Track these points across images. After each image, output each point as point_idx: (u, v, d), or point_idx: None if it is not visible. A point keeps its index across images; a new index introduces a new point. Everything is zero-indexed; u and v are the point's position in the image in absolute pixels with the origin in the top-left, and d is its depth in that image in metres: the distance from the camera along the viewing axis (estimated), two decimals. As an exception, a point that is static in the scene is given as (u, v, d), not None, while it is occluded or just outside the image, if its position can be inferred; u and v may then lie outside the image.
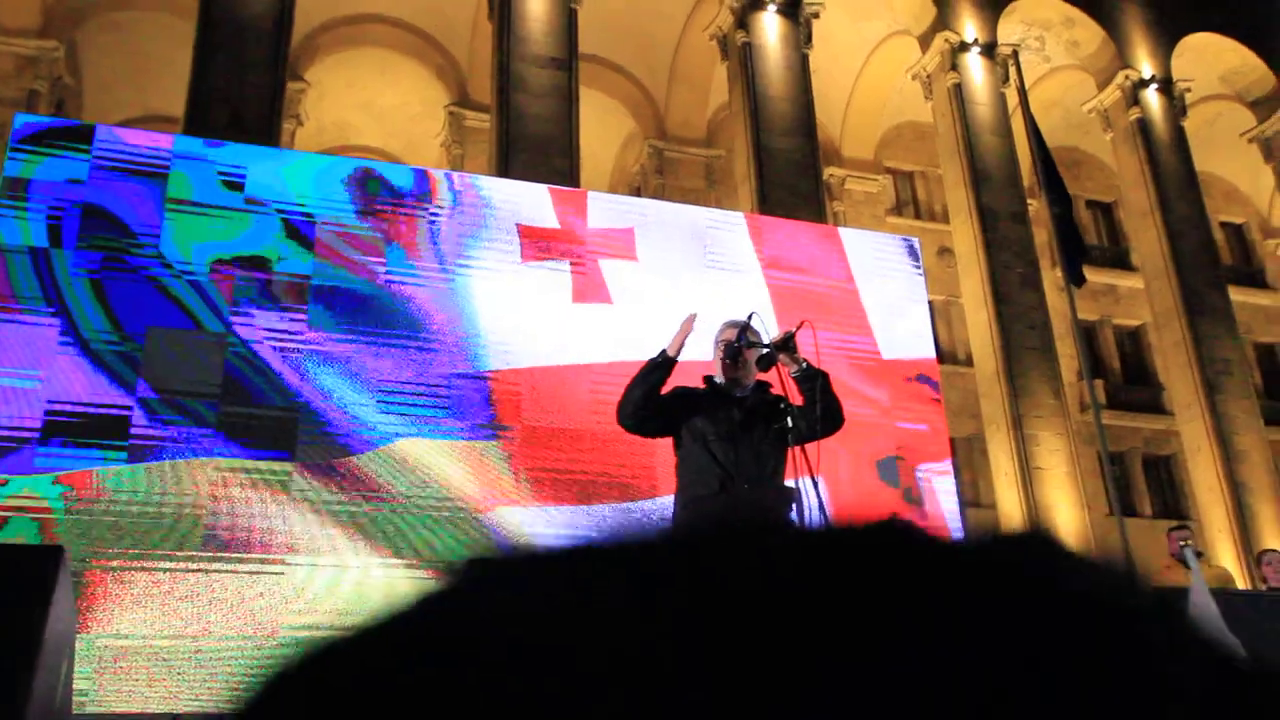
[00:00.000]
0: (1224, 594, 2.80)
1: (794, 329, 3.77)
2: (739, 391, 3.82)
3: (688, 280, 7.25)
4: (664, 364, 3.77)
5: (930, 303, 8.79)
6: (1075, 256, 9.30)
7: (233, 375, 5.95)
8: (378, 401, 6.16)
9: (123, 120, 19.52)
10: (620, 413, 3.83)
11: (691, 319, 3.83)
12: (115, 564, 5.25)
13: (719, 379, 3.87)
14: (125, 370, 5.73)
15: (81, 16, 18.42)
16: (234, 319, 6.10)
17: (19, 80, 17.16)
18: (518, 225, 7.01)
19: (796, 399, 3.80)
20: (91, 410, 5.58)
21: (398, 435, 6.12)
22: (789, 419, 3.68)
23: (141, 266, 6.02)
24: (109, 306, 5.84)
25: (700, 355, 4.03)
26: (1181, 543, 7.20)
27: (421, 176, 7.09)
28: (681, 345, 3.78)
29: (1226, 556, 16.33)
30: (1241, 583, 15.23)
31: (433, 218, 6.83)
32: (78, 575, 5.12)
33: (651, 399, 3.76)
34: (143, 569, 5.29)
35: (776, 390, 3.84)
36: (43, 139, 6.15)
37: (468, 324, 6.58)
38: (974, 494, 18.80)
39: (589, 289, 6.98)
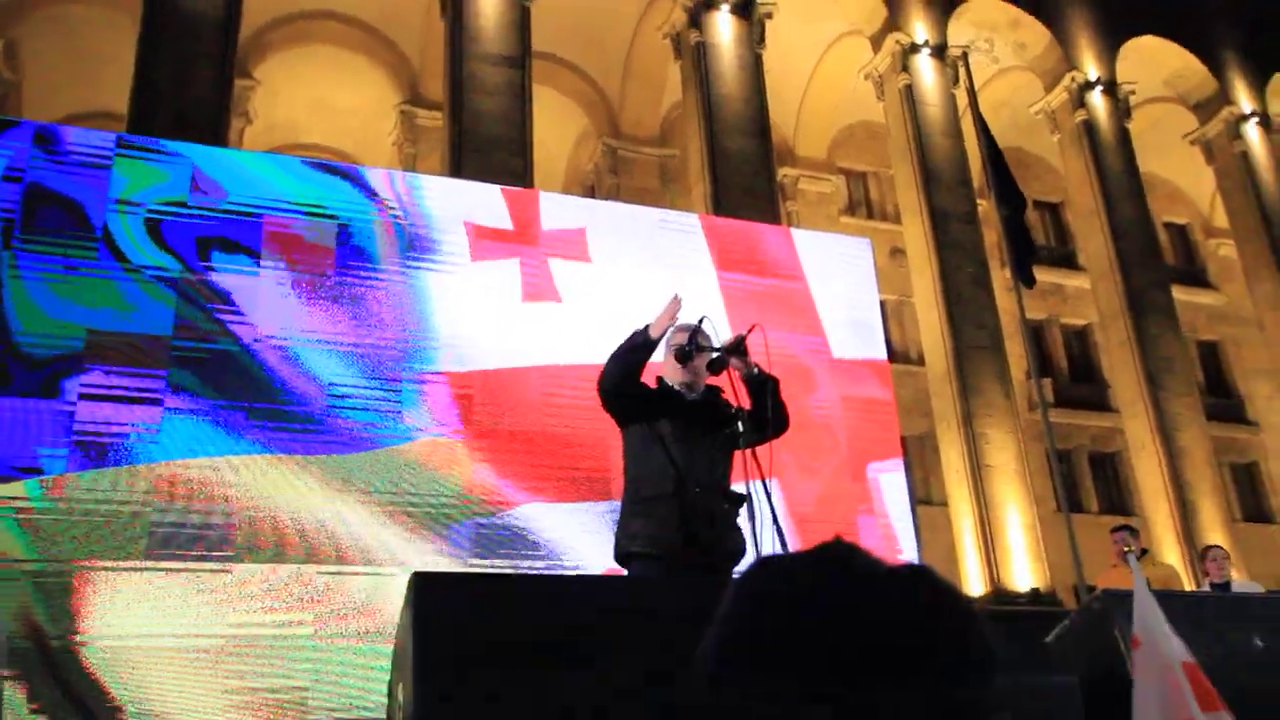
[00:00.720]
0: (1168, 596, 2.85)
1: (745, 333, 3.78)
2: (690, 395, 3.82)
3: (640, 281, 7.24)
4: (645, 344, 3.70)
5: (882, 302, 8.87)
6: (1025, 257, 9.42)
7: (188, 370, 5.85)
8: (329, 404, 6.09)
9: (66, 117, 19.11)
10: (601, 383, 3.76)
11: (677, 301, 3.75)
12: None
13: (670, 381, 3.86)
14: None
15: (22, 11, 18.00)
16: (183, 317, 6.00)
17: (-43, 75, 16.73)
18: (466, 224, 6.96)
19: (745, 403, 3.80)
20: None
21: (351, 441, 6.05)
22: (739, 423, 3.69)
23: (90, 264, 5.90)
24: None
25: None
26: (1124, 547, 7.33)
27: (369, 178, 7.02)
28: (665, 327, 3.71)
29: (1171, 552, 16.67)
30: (1186, 578, 15.56)
31: (383, 218, 6.76)
32: (64, 576, 5.03)
33: (631, 378, 3.69)
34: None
35: (727, 394, 3.85)
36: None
37: (418, 324, 6.53)
38: (925, 491, 19.01)
39: (539, 288, 6.96)
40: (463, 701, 2.22)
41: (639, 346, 3.70)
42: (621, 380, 3.69)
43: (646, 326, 3.73)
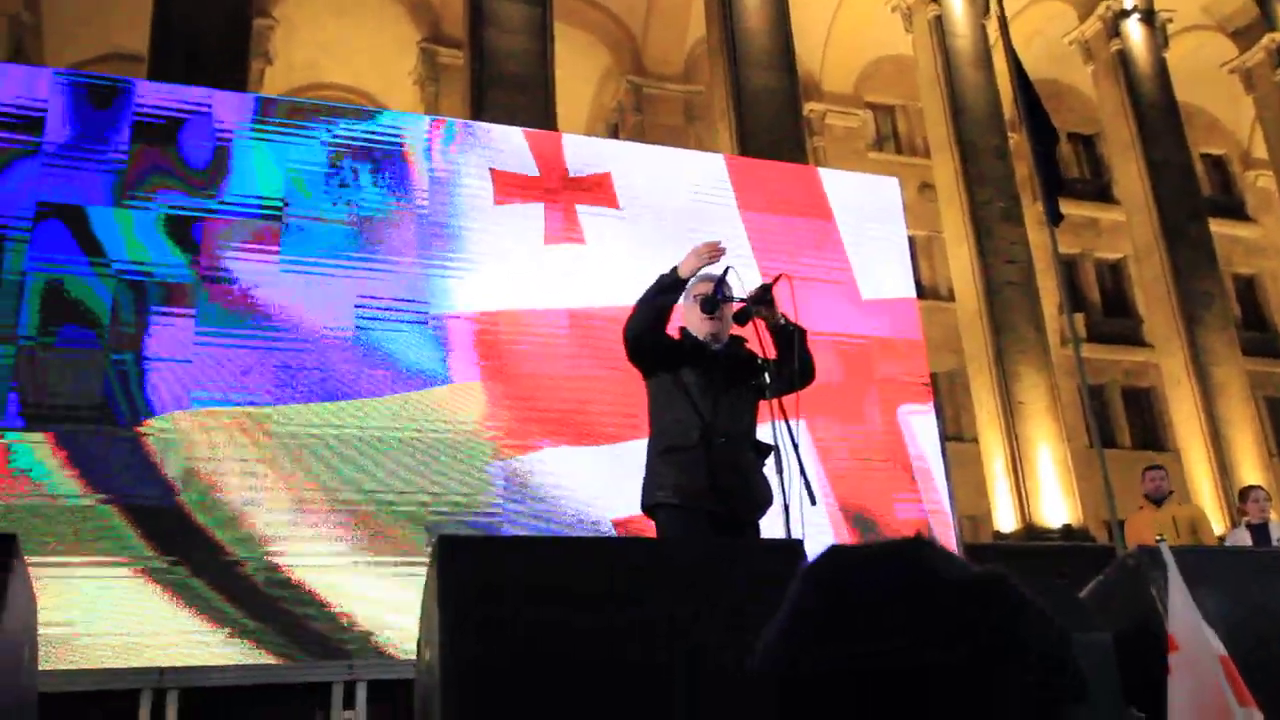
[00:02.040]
0: (1208, 554, 2.79)
1: (771, 283, 3.71)
2: (715, 345, 3.77)
3: (666, 222, 7.15)
4: (673, 285, 3.61)
5: (911, 238, 8.72)
6: (1054, 193, 9.21)
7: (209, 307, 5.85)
8: (354, 347, 6.08)
9: (84, 60, 19.04)
10: (627, 329, 3.67)
11: (707, 246, 3.64)
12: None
13: (694, 332, 3.81)
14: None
15: (39, -47, 17.85)
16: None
17: (-23, 20, 16.65)
18: (491, 170, 6.88)
19: (771, 353, 3.75)
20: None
21: (367, 394, 6.05)
22: (765, 375, 3.64)
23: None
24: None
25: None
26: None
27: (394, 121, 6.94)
28: (694, 268, 3.60)
29: (1205, 489, 16.56)
30: (1221, 516, 15.47)
31: (405, 157, 6.68)
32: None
33: (659, 322, 3.61)
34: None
35: (751, 344, 3.79)
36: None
37: (441, 268, 6.48)
38: (956, 428, 18.93)
39: (563, 231, 6.88)
40: (488, 663, 2.22)
41: (667, 288, 3.61)
42: (648, 325, 3.61)
43: (674, 268, 3.65)
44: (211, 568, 5.35)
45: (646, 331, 3.62)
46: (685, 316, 3.83)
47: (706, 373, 3.64)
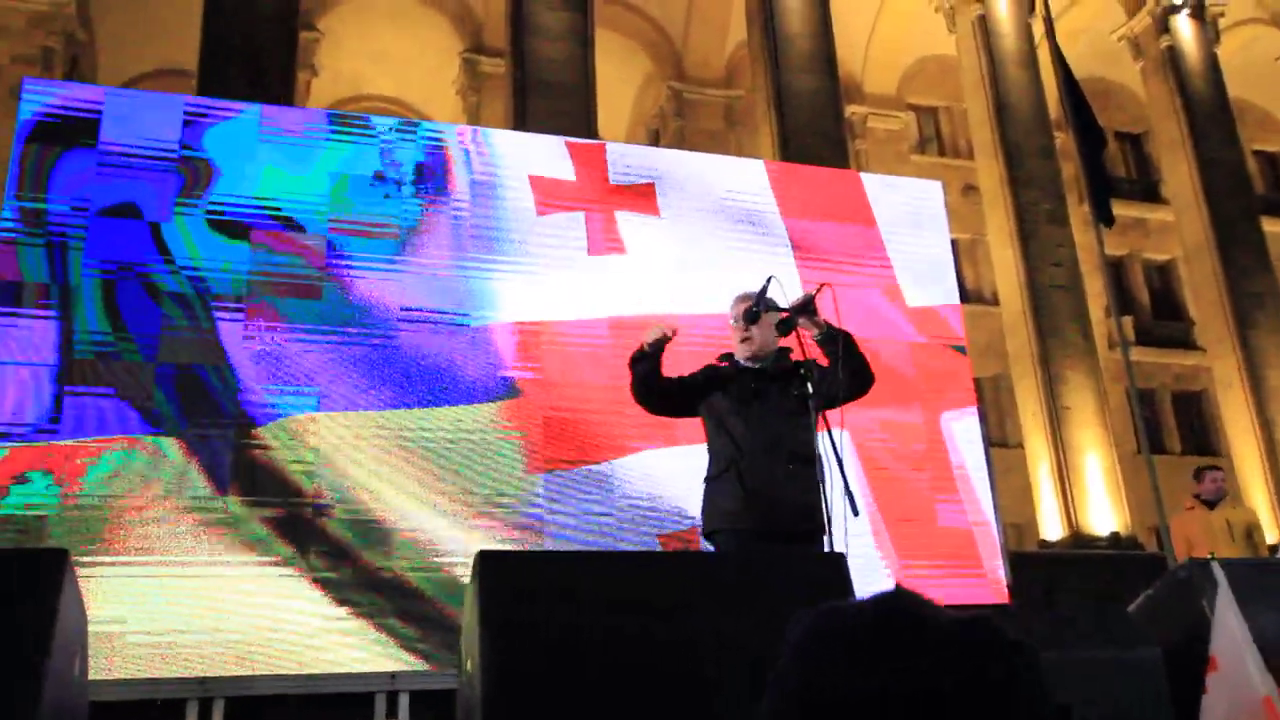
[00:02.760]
0: (1260, 565, 2.72)
1: (814, 292, 3.70)
2: (754, 363, 3.79)
3: (708, 231, 7.14)
4: (643, 357, 3.86)
5: (955, 241, 8.63)
6: (1103, 195, 9.08)
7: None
8: (395, 358, 6.13)
9: (137, 76, 19.44)
10: (632, 394, 3.98)
11: (662, 329, 3.86)
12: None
13: (739, 357, 3.86)
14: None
15: (91, -30, 18.25)
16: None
17: (31, 37, 17.06)
18: (530, 177, 6.91)
19: (823, 362, 3.76)
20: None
21: (413, 401, 6.09)
22: (808, 384, 3.62)
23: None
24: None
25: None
26: (1214, 484, 7.08)
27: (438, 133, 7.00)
28: (657, 339, 3.82)
29: (1258, 496, 16.21)
30: (1273, 521, 15.14)
31: (447, 166, 6.74)
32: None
33: (646, 386, 3.87)
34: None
35: (797, 356, 3.79)
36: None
37: (484, 278, 6.52)
38: (1000, 433, 18.71)
39: (606, 241, 6.90)
40: (529, 674, 2.23)
41: (639, 359, 3.86)
42: (641, 392, 3.91)
43: (641, 346, 3.87)
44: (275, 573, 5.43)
45: (643, 397, 3.93)
46: (731, 343, 3.95)
47: (736, 396, 3.72)
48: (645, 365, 3.86)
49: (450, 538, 5.84)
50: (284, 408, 5.84)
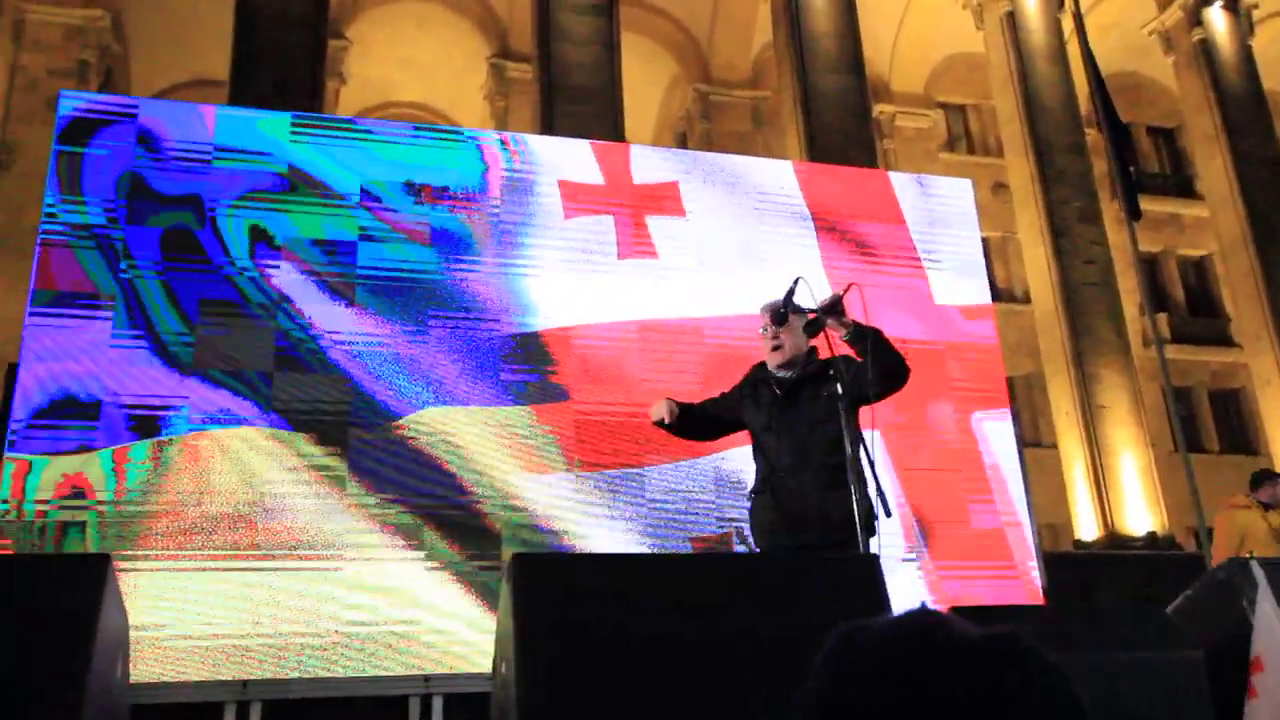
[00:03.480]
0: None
1: (841, 293, 3.68)
2: (783, 372, 3.79)
3: (735, 232, 7.13)
4: (666, 426, 3.93)
5: (985, 240, 8.57)
6: (1131, 189, 8.98)
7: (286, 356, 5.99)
8: (425, 363, 6.17)
9: (169, 86, 19.69)
10: None
11: (671, 411, 3.88)
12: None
13: (770, 366, 3.88)
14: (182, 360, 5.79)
15: (125, -17, 18.50)
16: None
17: (67, 50, 17.32)
18: (559, 181, 6.93)
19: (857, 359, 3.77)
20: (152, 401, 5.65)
21: (446, 402, 6.13)
22: (838, 384, 3.61)
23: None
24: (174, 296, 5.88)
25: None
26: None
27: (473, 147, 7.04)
28: (661, 423, 3.89)
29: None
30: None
31: (475, 171, 6.77)
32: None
33: (680, 436, 4.02)
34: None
35: (825, 355, 3.79)
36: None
37: (516, 285, 6.55)
38: (1033, 434, 18.54)
39: (635, 244, 6.91)
40: (562, 677, 2.23)
41: (661, 425, 3.93)
42: (679, 435, 4.03)
43: (661, 418, 3.91)
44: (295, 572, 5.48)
45: (681, 436, 4.07)
46: (762, 351, 3.99)
47: (767, 411, 3.75)
48: (672, 429, 3.97)
49: (482, 540, 5.86)
50: (319, 410, 5.89)
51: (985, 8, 18.35)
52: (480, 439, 6.11)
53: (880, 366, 3.70)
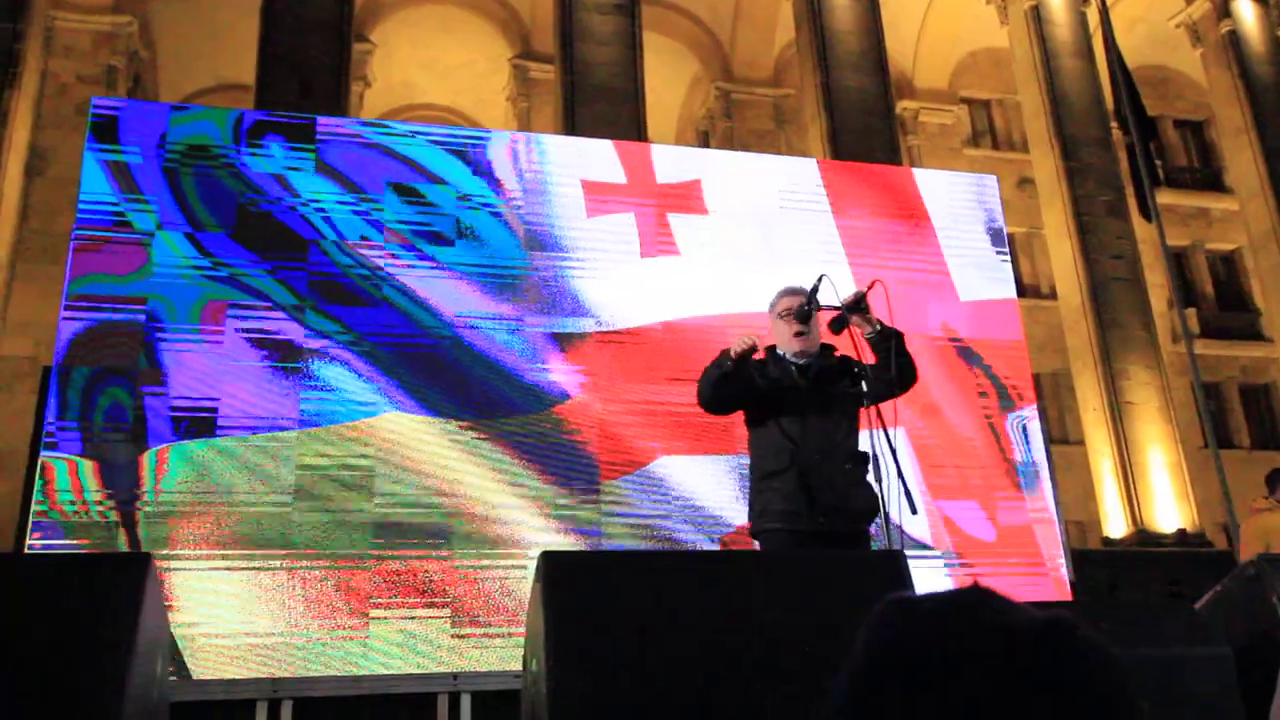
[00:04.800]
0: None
1: (866, 290, 3.69)
2: (803, 359, 3.77)
3: (758, 229, 7.14)
4: (729, 373, 3.72)
5: (1011, 235, 8.53)
6: (1149, 189, 8.93)
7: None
8: (452, 364, 6.21)
9: (197, 91, 19.90)
10: (700, 398, 3.88)
11: (758, 340, 3.74)
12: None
13: (782, 350, 3.82)
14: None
15: (152, -11, 18.72)
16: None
17: (96, 56, 17.53)
18: (581, 181, 6.96)
19: (869, 359, 3.73)
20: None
21: (472, 401, 6.17)
22: (864, 382, 3.62)
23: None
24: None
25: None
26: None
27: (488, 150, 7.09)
28: (749, 351, 3.66)
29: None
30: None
31: (498, 171, 6.81)
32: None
33: (722, 392, 3.75)
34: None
35: (841, 352, 3.79)
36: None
37: (540, 286, 6.59)
38: (1060, 430, 18.41)
39: (657, 242, 6.93)
40: (592, 673, 2.26)
41: (725, 376, 3.71)
42: (716, 394, 3.78)
43: (725, 355, 3.72)
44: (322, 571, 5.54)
45: (714, 401, 3.81)
46: (773, 333, 3.87)
47: (792, 394, 3.68)
48: (728, 371, 3.74)
49: (511, 539, 5.90)
50: (348, 409, 5.95)
51: (1009, 2, 18.25)
52: (506, 438, 6.15)
53: (900, 368, 3.70)
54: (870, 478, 3.66)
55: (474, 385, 6.23)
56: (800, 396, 3.68)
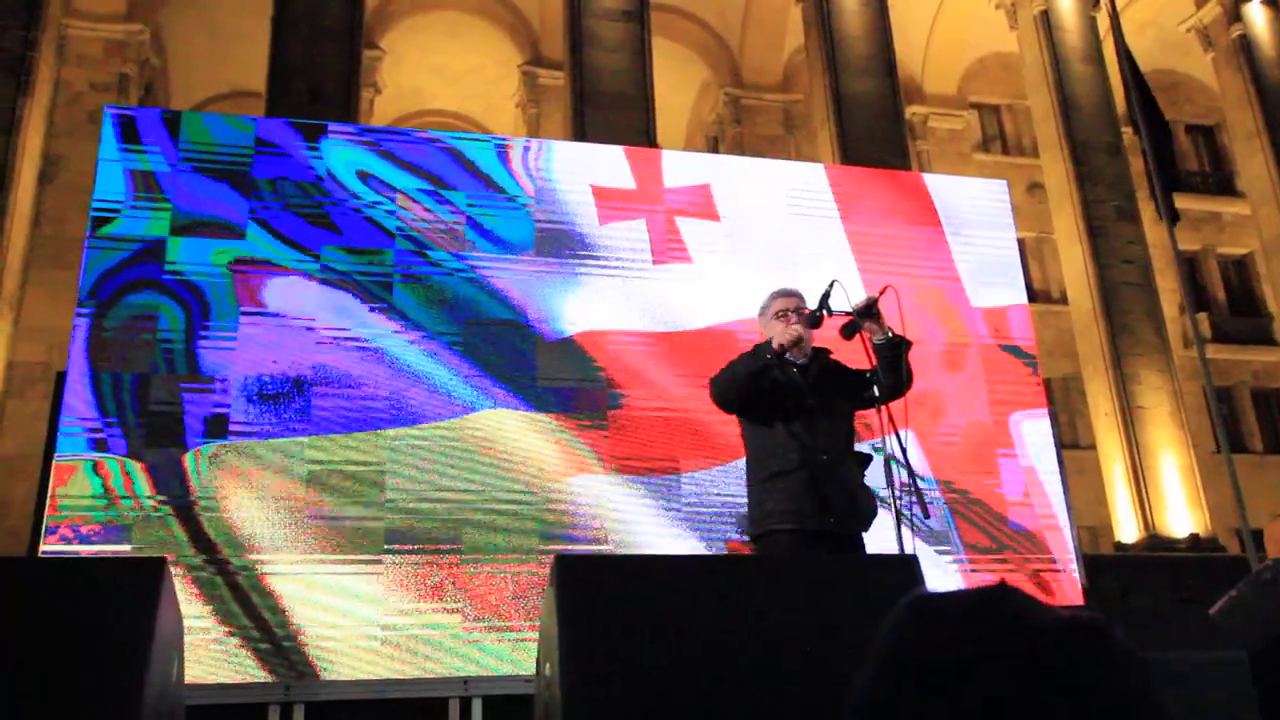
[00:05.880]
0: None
1: (877, 295, 3.69)
2: (801, 360, 3.77)
3: (768, 235, 7.14)
4: (769, 366, 3.66)
5: (1021, 240, 8.52)
6: (1167, 190, 8.89)
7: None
8: (460, 371, 6.23)
9: (208, 98, 20.00)
10: (716, 394, 3.80)
11: (802, 328, 3.70)
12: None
13: (786, 349, 3.80)
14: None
15: (164, -2, 18.82)
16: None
17: (108, 65, 17.64)
18: (592, 187, 6.98)
19: (870, 362, 3.73)
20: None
21: (485, 405, 6.18)
22: (875, 387, 3.62)
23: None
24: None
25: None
26: None
27: (501, 152, 7.10)
28: (788, 347, 3.63)
29: (1345, 494, 15.69)
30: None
31: (509, 176, 6.83)
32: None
33: (747, 392, 3.70)
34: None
35: (836, 355, 3.80)
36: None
37: (550, 294, 6.60)
38: (1071, 435, 18.35)
39: (668, 248, 6.93)
40: (606, 677, 2.26)
41: (765, 368, 3.65)
42: (739, 398, 3.72)
43: (767, 346, 3.67)
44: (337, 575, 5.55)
45: (741, 395, 3.73)
46: (767, 330, 3.85)
47: (796, 394, 3.67)
48: (769, 364, 3.68)
49: (523, 543, 5.91)
50: (359, 412, 5.97)
51: (1019, 7, 18.23)
52: (519, 442, 6.16)
53: (896, 377, 3.69)
54: (880, 481, 3.67)
55: (485, 389, 6.24)
56: (804, 398, 3.67)
